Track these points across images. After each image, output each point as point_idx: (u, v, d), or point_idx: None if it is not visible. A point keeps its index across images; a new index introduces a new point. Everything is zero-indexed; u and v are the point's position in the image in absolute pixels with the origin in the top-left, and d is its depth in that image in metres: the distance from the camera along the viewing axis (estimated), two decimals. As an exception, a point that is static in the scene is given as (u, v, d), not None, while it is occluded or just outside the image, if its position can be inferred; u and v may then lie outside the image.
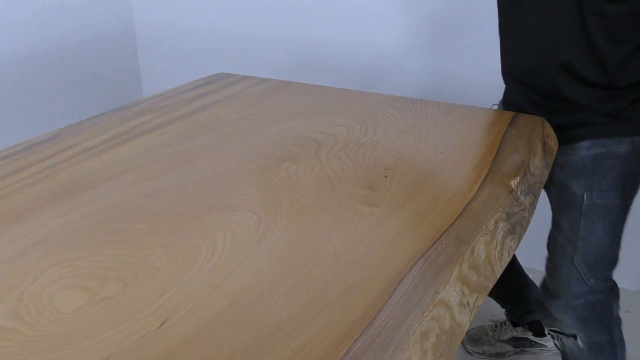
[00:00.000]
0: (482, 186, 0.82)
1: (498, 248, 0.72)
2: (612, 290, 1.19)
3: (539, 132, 1.01)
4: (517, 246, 0.77)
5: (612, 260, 1.13)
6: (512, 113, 1.08)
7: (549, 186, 1.09)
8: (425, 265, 0.65)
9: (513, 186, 0.83)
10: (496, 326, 1.51)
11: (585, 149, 1.03)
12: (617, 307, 1.22)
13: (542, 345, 1.47)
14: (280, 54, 1.97)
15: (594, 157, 1.03)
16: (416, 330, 0.55)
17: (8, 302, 0.59)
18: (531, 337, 1.46)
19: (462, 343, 1.53)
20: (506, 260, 0.74)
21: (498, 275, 0.71)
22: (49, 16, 1.86)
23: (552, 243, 1.13)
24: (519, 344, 1.49)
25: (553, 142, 1.03)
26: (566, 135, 1.05)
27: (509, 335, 1.48)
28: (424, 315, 0.57)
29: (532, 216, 0.84)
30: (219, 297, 0.60)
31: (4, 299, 0.60)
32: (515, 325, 1.47)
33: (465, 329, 0.62)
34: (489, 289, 0.68)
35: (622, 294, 1.76)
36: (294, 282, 0.62)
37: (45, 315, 0.57)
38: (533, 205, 0.86)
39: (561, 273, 1.11)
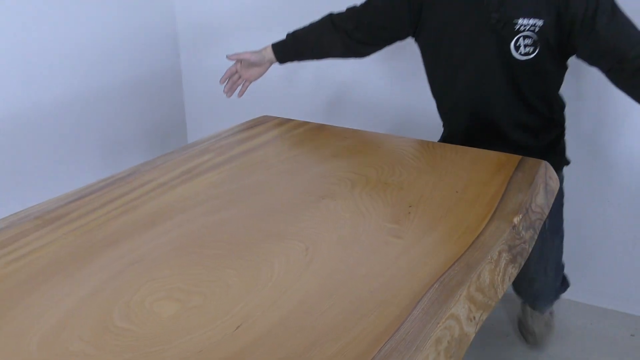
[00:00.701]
0: (490, 222, 0.99)
1: (500, 274, 0.89)
2: None
3: (542, 174, 1.18)
4: (517, 272, 0.94)
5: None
6: (520, 157, 1.25)
7: None
8: (441, 287, 0.82)
9: (516, 222, 0.99)
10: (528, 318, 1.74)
11: None
12: None
13: None
14: (316, 95, 2.17)
15: None
16: (432, 337, 0.72)
17: (119, 309, 0.77)
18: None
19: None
20: (507, 284, 0.90)
21: (500, 296, 0.87)
22: (103, 58, 2.08)
23: None
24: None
25: (555, 183, 1.20)
26: None
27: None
28: (438, 325, 0.74)
29: (531, 247, 1.01)
30: (278, 309, 0.78)
31: (116, 306, 0.78)
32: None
33: (472, 337, 0.79)
34: (493, 307, 0.85)
35: (628, 319, 1.91)
36: (336, 298, 0.80)
37: (148, 318, 0.76)
38: (533, 239, 1.02)
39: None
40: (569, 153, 1.57)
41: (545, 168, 1.21)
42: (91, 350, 0.70)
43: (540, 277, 1.57)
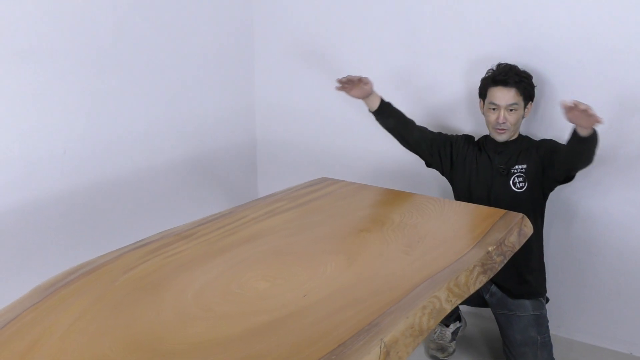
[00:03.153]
0: (472, 249, 1.48)
1: (473, 279, 1.38)
2: None
3: (518, 223, 1.67)
4: (486, 280, 1.42)
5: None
6: (504, 211, 1.74)
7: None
8: (431, 281, 1.31)
9: (490, 250, 1.48)
10: (442, 335, 2.37)
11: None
12: None
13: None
14: (364, 160, 2.72)
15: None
16: (420, 304, 1.21)
17: (234, 284, 1.30)
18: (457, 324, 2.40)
19: (437, 357, 2.35)
20: (478, 285, 1.38)
21: (471, 292, 1.35)
22: (193, 131, 2.69)
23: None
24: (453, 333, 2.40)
25: (528, 229, 1.68)
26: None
27: (450, 330, 2.37)
28: (425, 299, 1.23)
29: (501, 266, 1.49)
30: (328, 288, 1.28)
31: (232, 282, 1.30)
32: (447, 325, 2.38)
33: (447, 312, 1.27)
34: (464, 298, 1.33)
35: (611, 356, 2.31)
36: (363, 284, 1.30)
37: (251, 289, 1.27)
38: (502, 263, 1.50)
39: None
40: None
41: (522, 219, 1.70)
42: (220, 303, 1.22)
43: None
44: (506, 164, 2.15)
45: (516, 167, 2.14)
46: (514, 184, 2.12)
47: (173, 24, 2.46)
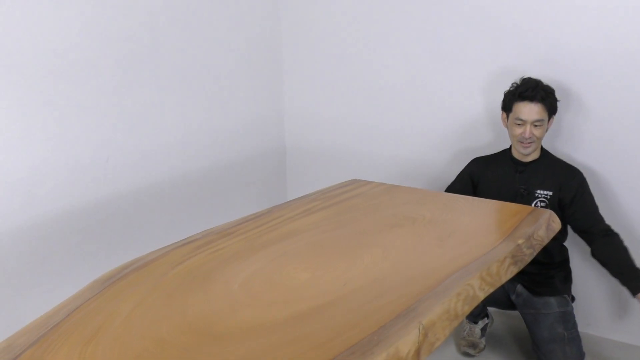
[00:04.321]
0: (502, 242, 1.54)
1: (504, 269, 1.44)
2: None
3: (546, 218, 1.72)
4: (517, 271, 1.48)
5: None
6: (532, 207, 1.80)
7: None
8: (464, 271, 1.37)
9: (520, 243, 1.54)
10: (471, 332, 2.40)
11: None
12: None
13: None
14: (391, 164, 2.79)
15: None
16: (455, 290, 1.28)
17: (277, 275, 1.38)
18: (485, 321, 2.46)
19: (469, 353, 2.38)
20: (508, 276, 1.44)
21: (502, 282, 1.41)
22: (226, 138, 2.80)
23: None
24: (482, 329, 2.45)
25: (556, 224, 1.74)
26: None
27: (479, 327, 2.42)
28: (460, 287, 1.30)
29: (531, 258, 1.54)
30: (365, 278, 1.35)
31: (275, 274, 1.38)
32: (475, 322, 2.42)
33: (480, 300, 1.33)
34: (495, 287, 1.39)
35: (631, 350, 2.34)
36: (399, 274, 1.37)
37: (293, 280, 1.35)
38: (532, 255, 1.56)
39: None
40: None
41: (550, 215, 1.75)
42: (265, 292, 1.30)
43: None
44: (527, 185, 2.19)
45: (540, 191, 2.18)
46: (535, 207, 2.17)
47: (205, 35, 2.57)
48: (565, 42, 2.31)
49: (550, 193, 2.16)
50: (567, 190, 2.15)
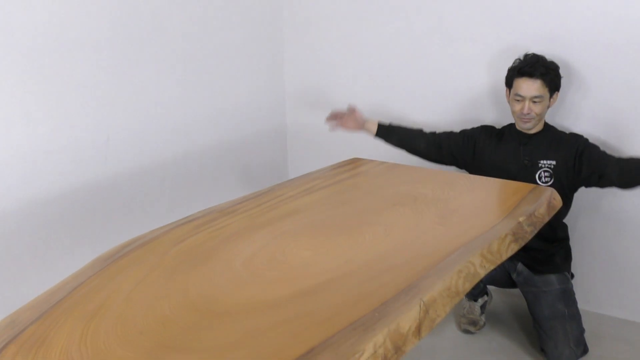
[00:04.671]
0: (504, 219, 1.54)
1: (504, 246, 1.44)
2: None
3: (548, 196, 1.72)
4: (517, 248, 1.48)
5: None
6: (533, 185, 1.80)
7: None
8: (465, 249, 1.37)
9: (520, 220, 1.54)
10: (471, 309, 2.40)
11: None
12: None
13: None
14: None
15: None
16: (456, 268, 1.28)
17: (279, 253, 1.38)
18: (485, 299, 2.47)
19: (470, 330, 2.40)
20: (509, 253, 1.44)
21: (503, 259, 1.42)
22: (227, 118, 2.79)
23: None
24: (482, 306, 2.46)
25: (557, 202, 1.74)
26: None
27: (479, 305, 2.42)
28: (461, 264, 1.30)
29: (531, 235, 1.55)
30: (368, 255, 1.35)
31: (276, 252, 1.38)
32: (475, 300, 2.43)
33: (480, 277, 1.33)
34: (496, 264, 1.39)
35: (638, 328, 2.36)
36: (401, 252, 1.37)
37: (295, 257, 1.35)
38: (532, 232, 1.56)
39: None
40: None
41: (551, 192, 1.75)
42: (267, 270, 1.30)
43: (565, 350, 2.14)
44: (531, 156, 2.19)
45: (543, 161, 2.17)
46: (540, 178, 2.16)
47: (206, 14, 2.55)
48: (569, 19, 2.29)
49: (554, 162, 2.15)
50: (572, 155, 2.14)
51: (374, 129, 2.40)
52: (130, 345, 1.02)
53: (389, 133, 2.40)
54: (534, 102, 2.11)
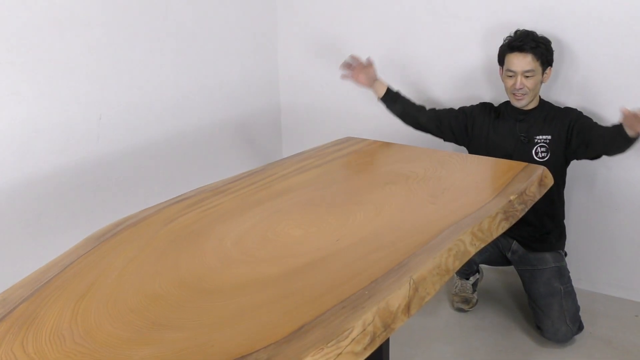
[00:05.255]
0: (495, 198, 1.55)
1: (495, 224, 1.44)
2: None
3: (539, 174, 1.72)
4: (508, 226, 1.49)
5: None
6: (525, 164, 1.80)
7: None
8: (456, 227, 1.38)
9: (511, 199, 1.54)
10: (463, 287, 2.41)
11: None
12: None
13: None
14: (386, 123, 2.78)
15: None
16: (447, 246, 1.28)
17: (270, 231, 1.38)
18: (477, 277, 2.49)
19: (463, 308, 2.41)
20: (500, 231, 1.45)
21: (494, 237, 1.42)
22: (220, 97, 2.77)
23: None
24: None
25: (549, 180, 1.74)
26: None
27: (470, 283, 2.43)
28: (452, 242, 1.30)
29: (522, 214, 1.55)
30: (359, 234, 1.36)
31: (268, 230, 1.39)
32: (467, 278, 2.45)
33: (471, 255, 1.34)
34: (487, 242, 1.40)
35: (630, 305, 2.38)
36: (393, 231, 1.37)
37: (286, 235, 1.36)
38: (523, 211, 1.57)
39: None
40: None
41: (542, 170, 1.75)
42: (258, 249, 1.31)
43: (562, 327, 2.16)
44: (527, 133, 2.19)
45: (539, 137, 2.18)
46: (536, 154, 2.17)
47: (198, -9, 2.52)
48: (563, -3, 2.28)
49: (549, 137, 2.17)
50: (565, 128, 2.16)
51: (382, 91, 2.39)
52: (120, 322, 1.02)
53: (394, 100, 2.39)
54: (526, 76, 2.12)
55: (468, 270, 2.42)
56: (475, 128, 2.29)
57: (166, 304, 1.08)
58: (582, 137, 2.12)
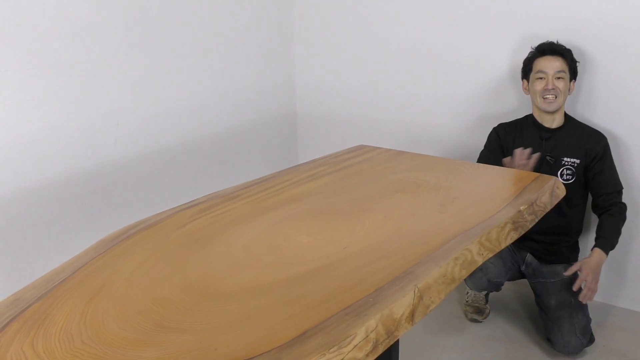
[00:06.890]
0: (505, 208, 1.55)
1: (504, 234, 1.44)
2: None
3: (551, 185, 1.72)
4: (517, 237, 1.48)
5: None
6: (537, 174, 1.79)
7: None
8: (465, 236, 1.38)
9: (521, 209, 1.54)
10: (476, 298, 2.39)
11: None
12: None
13: None
14: (402, 131, 2.79)
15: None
16: (453, 255, 1.29)
17: (280, 238, 1.40)
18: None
19: (477, 319, 2.39)
20: (508, 242, 1.45)
21: (502, 247, 1.42)
22: (237, 104, 2.81)
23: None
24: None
25: (561, 191, 1.73)
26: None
27: (483, 294, 2.41)
28: (459, 251, 1.31)
29: (532, 224, 1.55)
30: (366, 241, 1.37)
31: (277, 237, 1.41)
32: (479, 290, 2.42)
33: (479, 264, 1.34)
34: (495, 252, 1.40)
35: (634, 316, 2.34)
36: (400, 238, 1.38)
37: (295, 242, 1.37)
38: (533, 221, 1.56)
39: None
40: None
41: (554, 182, 1.74)
42: (266, 254, 1.33)
43: (572, 340, 2.14)
44: (553, 152, 2.19)
45: (567, 159, 2.18)
46: (562, 175, 2.17)
47: (216, 1, 2.56)
48: (582, 7, 2.27)
49: (578, 161, 2.17)
50: (592, 157, 2.17)
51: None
52: (128, 324, 1.05)
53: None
54: (557, 77, 2.12)
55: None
56: (505, 149, 2.30)
57: (173, 307, 1.10)
58: (595, 180, 2.17)
